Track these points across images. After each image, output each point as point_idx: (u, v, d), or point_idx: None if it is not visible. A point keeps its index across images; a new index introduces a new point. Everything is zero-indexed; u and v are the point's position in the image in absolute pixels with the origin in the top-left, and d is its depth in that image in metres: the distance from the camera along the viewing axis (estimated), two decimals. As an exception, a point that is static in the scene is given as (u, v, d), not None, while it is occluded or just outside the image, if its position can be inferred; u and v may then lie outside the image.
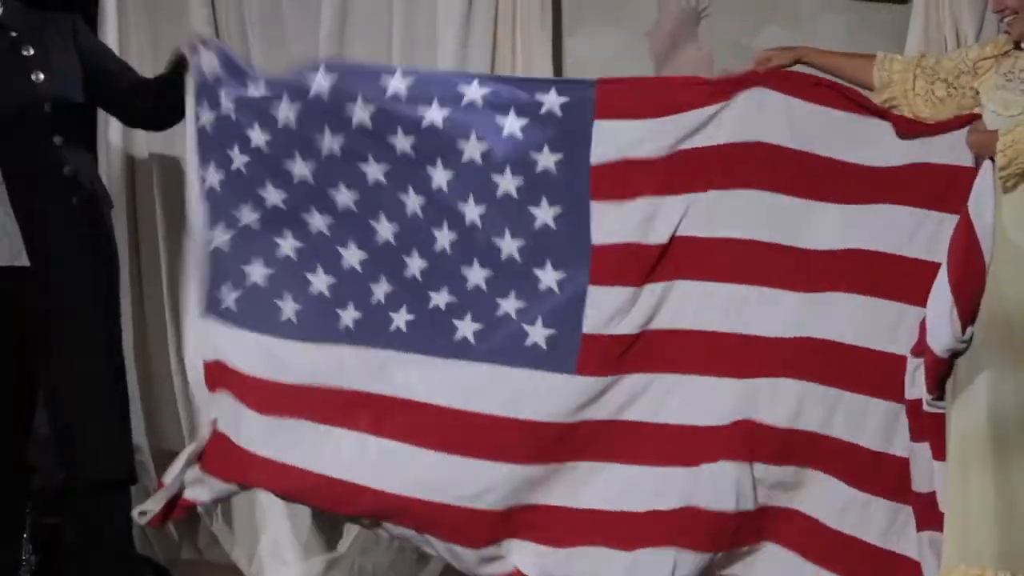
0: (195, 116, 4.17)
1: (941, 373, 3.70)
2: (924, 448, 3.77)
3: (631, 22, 5.15)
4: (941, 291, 3.75)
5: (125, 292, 4.84)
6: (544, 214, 3.98)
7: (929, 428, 3.74)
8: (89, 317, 4.28)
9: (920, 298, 3.80)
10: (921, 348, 3.75)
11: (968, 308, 3.66)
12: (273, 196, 4.12)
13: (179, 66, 4.28)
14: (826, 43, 4.50)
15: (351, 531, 5.17)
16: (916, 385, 3.81)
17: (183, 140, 4.60)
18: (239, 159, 4.14)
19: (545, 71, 5.07)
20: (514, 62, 5.09)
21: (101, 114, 4.95)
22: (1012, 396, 3.69)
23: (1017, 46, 3.77)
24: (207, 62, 4.16)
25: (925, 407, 3.92)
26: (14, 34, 4.14)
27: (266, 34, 5.36)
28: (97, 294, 4.32)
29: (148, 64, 5.05)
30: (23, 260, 4.13)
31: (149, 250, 5.53)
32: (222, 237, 4.21)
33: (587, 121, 3.96)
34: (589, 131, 3.96)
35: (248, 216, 4.17)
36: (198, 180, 4.21)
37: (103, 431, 4.33)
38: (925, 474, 3.77)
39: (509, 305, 3.93)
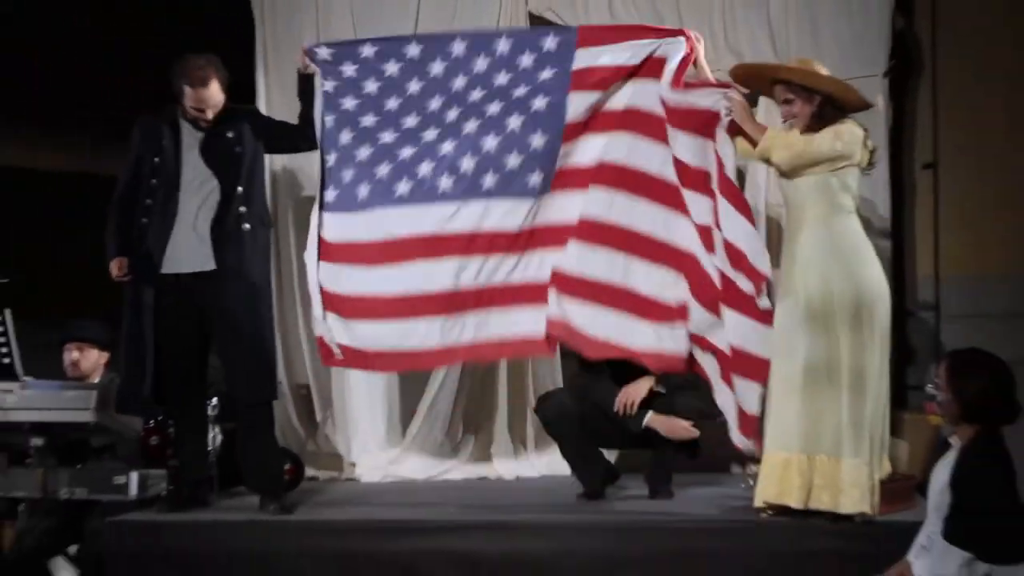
0: (321, 85, 5.16)
1: None
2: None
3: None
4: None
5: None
6: (536, 140, 5.04)
7: None
8: (252, 301, 5.15)
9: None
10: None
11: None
12: (369, 121, 5.18)
13: (305, 82, 5.21)
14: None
15: (411, 430, 6.20)
16: None
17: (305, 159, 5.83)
18: (350, 103, 5.18)
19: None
20: None
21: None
22: (823, 352, 4.49)
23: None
24: (321, 54, 5.18)
25: None
26: (228, 132, 5.13)
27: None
28: (255, 288, 5.17)
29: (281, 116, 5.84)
30: (209, 266, 5.06)
31: (285, 249, 6.50)
32: (332, 155, 5.19)
33: (572, 48, 4.99)
34: (572, 55, 4.99)
35: (346, 137, 5.17)
36: (320, 125, 5.18)
37: (258, 370, 5.18)
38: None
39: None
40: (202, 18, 5.56)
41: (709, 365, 4.92)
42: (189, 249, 5.12)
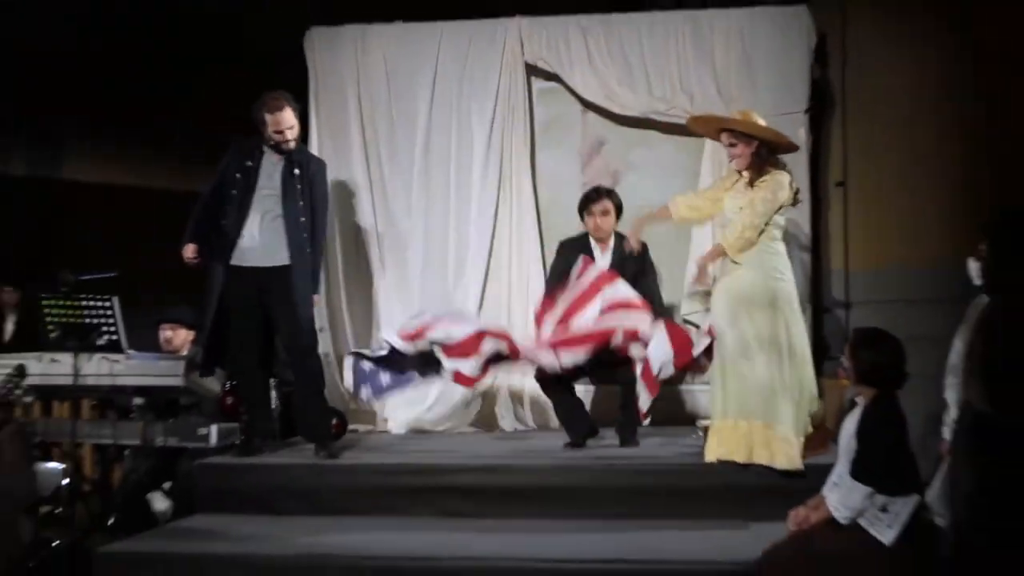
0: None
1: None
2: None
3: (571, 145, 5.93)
4: None
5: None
6: None
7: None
8: (300, 289, 5.10)
9: None
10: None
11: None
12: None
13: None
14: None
15: (431, 393, 6.05)
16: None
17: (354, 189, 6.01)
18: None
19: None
20: (511, 165, 6.01)
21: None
22: (751, 331, 4.51)
23: (740, 173, 4.66)
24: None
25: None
26: (294, 164, 5.12)
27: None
28: (301, 279, 5.12)
29: (331, 158, 6.04)
30: (275, 262, 5.06)
31: (331, 244, 6.17)
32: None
33: None
34: None
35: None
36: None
37: (310, 344, 5.27)
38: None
39: None
40: (272, 73, 5.43)
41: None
42: (253, 248, 5.11)
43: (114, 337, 5.37)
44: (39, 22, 8.37)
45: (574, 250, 5.42)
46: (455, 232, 6.18)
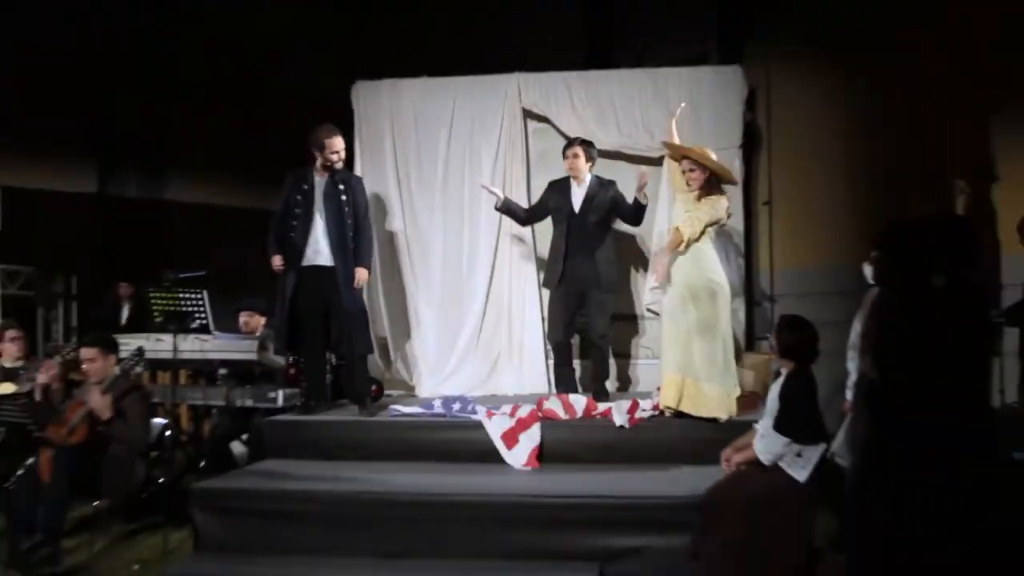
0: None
1: None
2: None
3: (558, 172, 5.51)
4: None
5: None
6: None
7: None
8: (351, 281, 5.06)
9: None
10: None
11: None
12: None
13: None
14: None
15: (451, 363, 6.00)
16: None
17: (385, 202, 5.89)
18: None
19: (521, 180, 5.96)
20: (511, 186, 5.90)
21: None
22: (694, 315, 4.50)
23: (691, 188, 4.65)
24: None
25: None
26: (340, 184, 5.08)
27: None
28: (352, 273, 5.00)
29: (371, 180, 5.92)
30: (331, 262, 4.98)
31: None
32: None
33: None
34: None
35: None
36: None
37: (363, 332, 5.24)
38: None
39: None
40: (325, 116, 5.32)
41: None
42: (317, 253, 5.06)
43: (204, 321, 5.38)
44: (147, 81, 8.57)
45: (555, 187, 5.38)
46: (468, 238, 6.11)
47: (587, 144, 5.36)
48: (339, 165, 5.08)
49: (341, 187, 5.09)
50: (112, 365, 4.52)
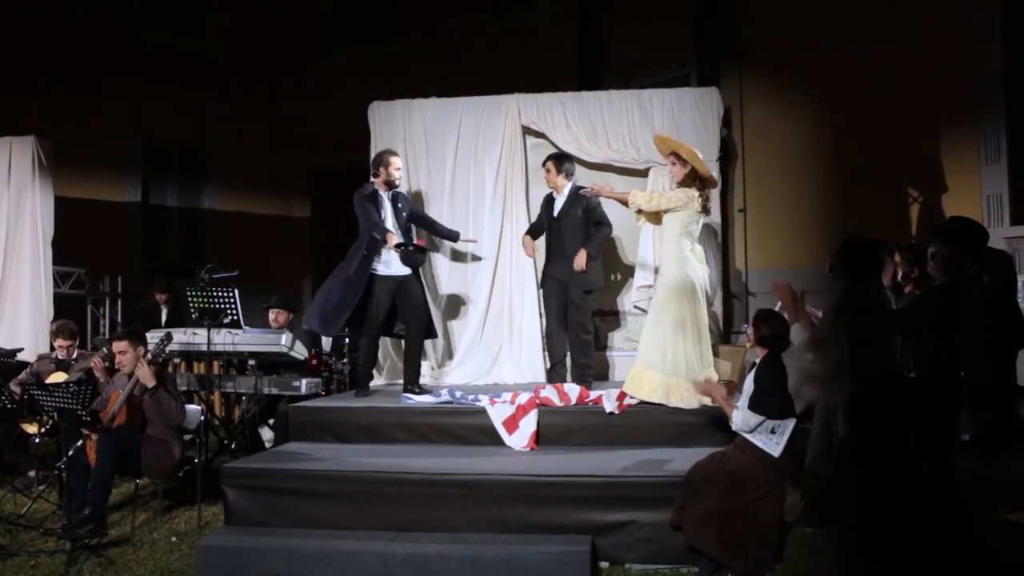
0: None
1: None
2: None
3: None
4: None
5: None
6: None
7: None
8: (418, 288, 5.14)
9: None
10: None
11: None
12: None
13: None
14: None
15: (457, 358, 5.90)
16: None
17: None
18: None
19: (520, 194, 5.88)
20: (512, 196, 5.88)
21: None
22: (676, 310, 4.40)
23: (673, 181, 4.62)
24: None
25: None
26: (399, 199, 5.09)
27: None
28: (417, 280, 5.15)
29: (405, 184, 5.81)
30: (403, 272, 5.00)
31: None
32: None
33: None
34: None
35: None
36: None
37: (427, 322, 5.21)
38: None
39: None
40: (343, 134, 5.31)
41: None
42: (388, 261, 5.03)
43: (235, 317, 5.34)
44: (184, 106, 8.60)
45: (545, 199, 5.39)
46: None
47: (559, 159, 5.30)
48: (399, 181, 5.11)
49: (400, 204, 5.15)
50: (142, 355, 4.48)
